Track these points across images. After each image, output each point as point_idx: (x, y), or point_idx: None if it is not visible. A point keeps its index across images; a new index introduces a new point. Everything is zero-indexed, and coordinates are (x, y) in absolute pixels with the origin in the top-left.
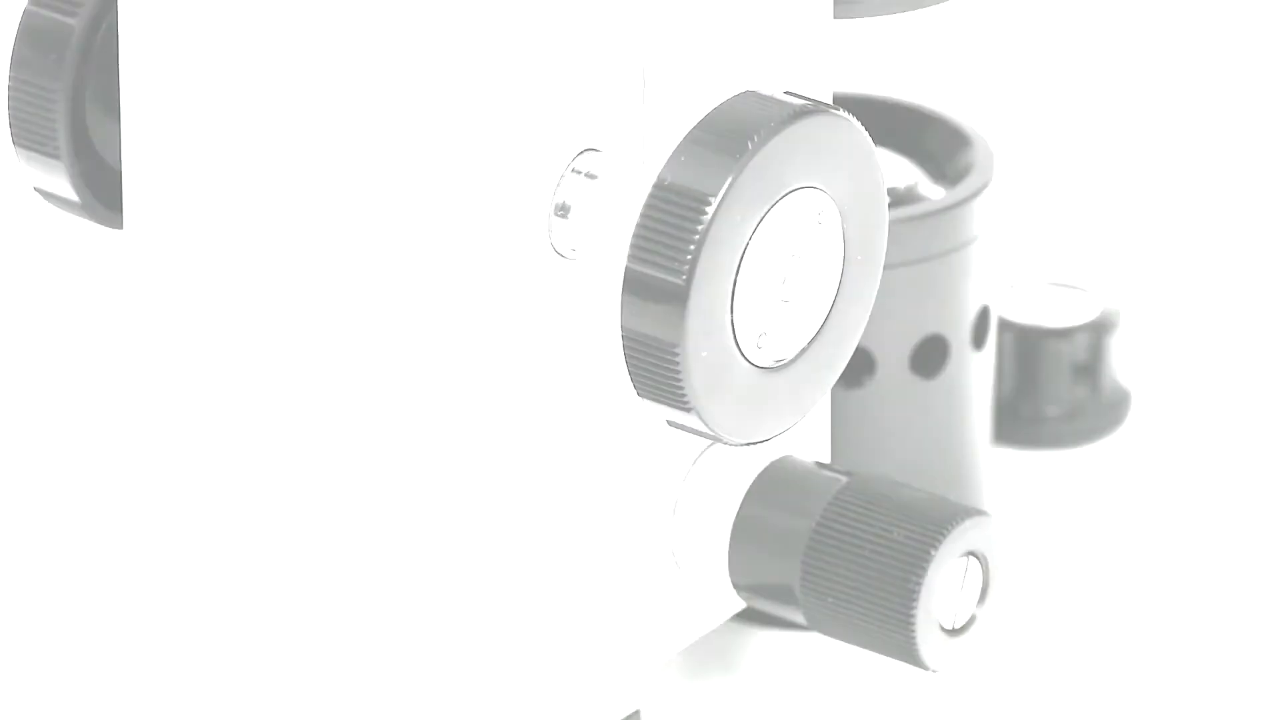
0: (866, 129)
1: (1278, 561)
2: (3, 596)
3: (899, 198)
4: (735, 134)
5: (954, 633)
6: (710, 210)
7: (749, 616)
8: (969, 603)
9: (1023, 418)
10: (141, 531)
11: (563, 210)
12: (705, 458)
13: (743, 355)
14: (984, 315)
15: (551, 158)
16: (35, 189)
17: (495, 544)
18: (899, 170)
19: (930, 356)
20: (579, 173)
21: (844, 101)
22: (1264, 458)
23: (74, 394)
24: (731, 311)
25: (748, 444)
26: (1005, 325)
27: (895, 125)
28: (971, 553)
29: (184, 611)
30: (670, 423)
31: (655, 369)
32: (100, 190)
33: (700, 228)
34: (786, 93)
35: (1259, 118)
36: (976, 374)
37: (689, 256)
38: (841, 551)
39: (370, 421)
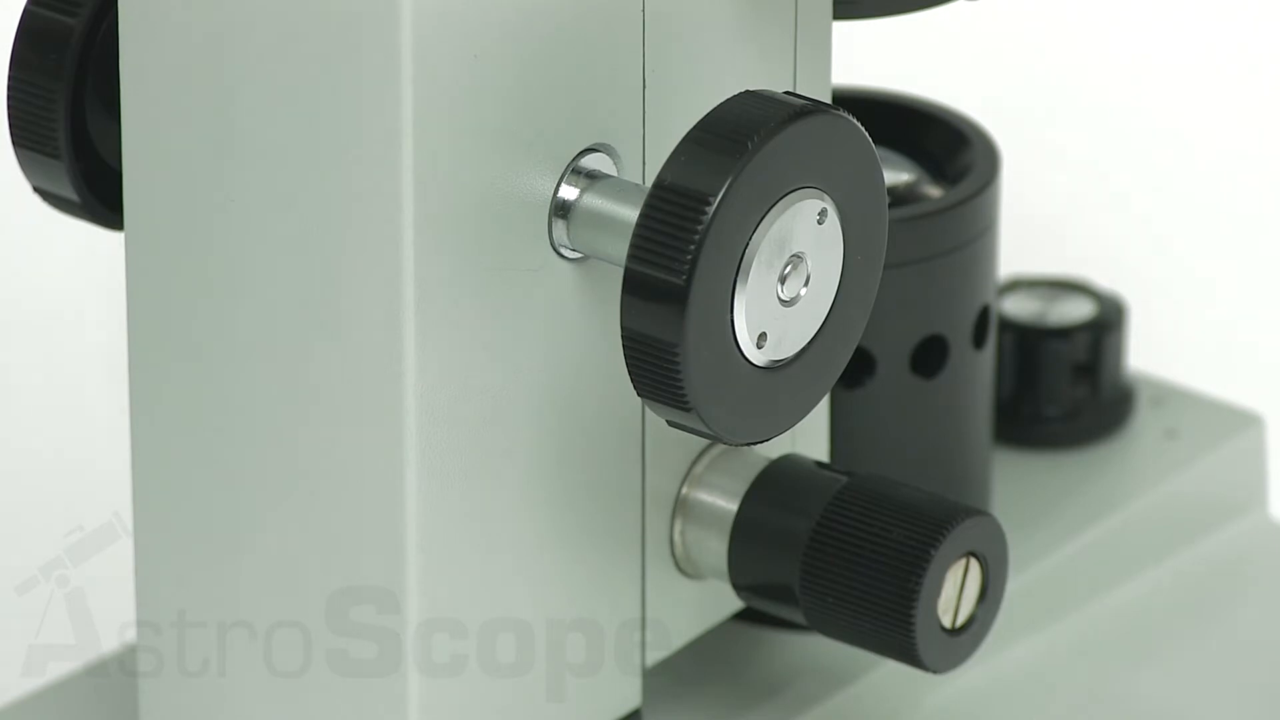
0: (866, 129)
1: (1277, 559)
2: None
3: (899, 198)
4: (735, 134)
5: (954, 633)
6: (710, 210)
7: (749, 616)
8: (969, 603)
9: (1023, 418)
10: (141, 531)
11: (562, 210)
12: (705, 458)
13: (742, 355)
14: (984, 315)
15: (551, 158)
16: (35, 189)
17: (495, 543)
18: (899, 170)
19: (930, 356)
20: (579, 173)
21: (844, 101)
22: (1265, 456)
23: (74, 394)
24: (731, 311)
25: (748, 444)
26: (1005, 325)
27: (895, 125)
28: (971, 553)
29: (184, 614)
30: (670, 423)
31: (655, 369)
32: (100, 190)
33: (700, 228)
34: (786, 93)
35: (1262, 115)
36: (976, 374)
37: (689, 256)
38: (841, 551)
39: (370, 420)
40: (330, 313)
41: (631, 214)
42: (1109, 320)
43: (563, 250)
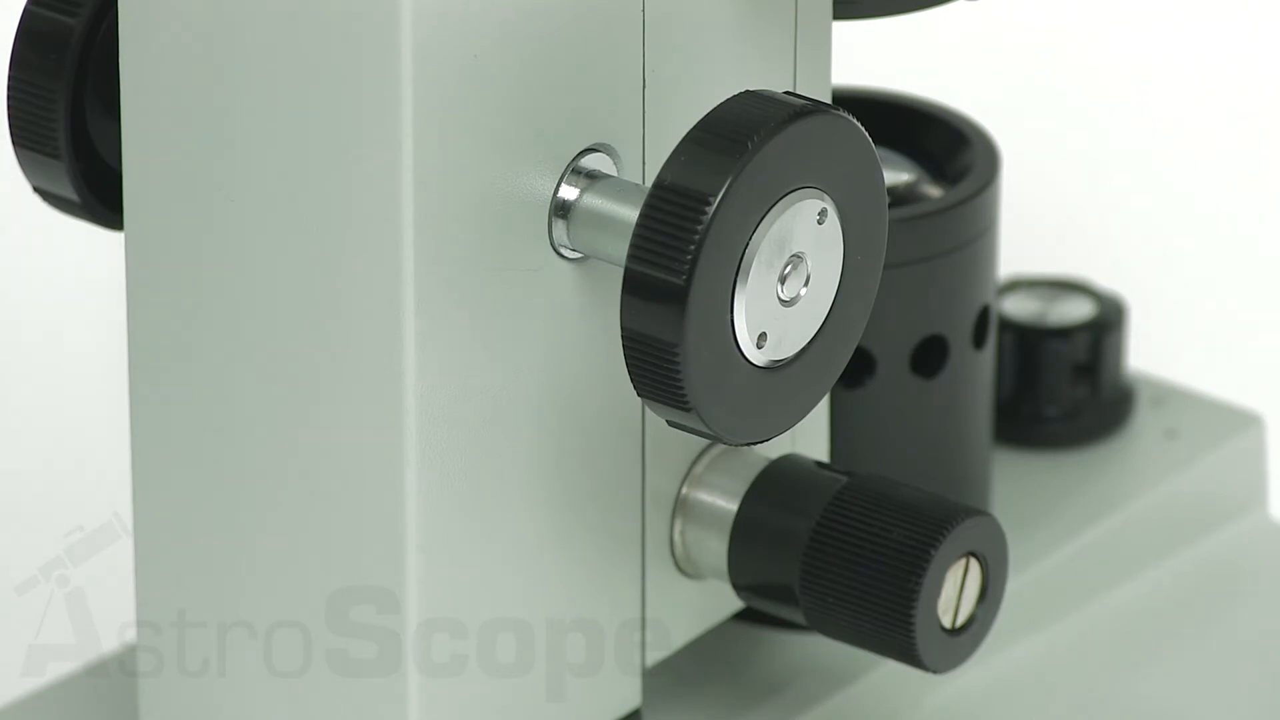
0: (866, 129)
1: (1277, 559)
2: None
3: (899, 198)
4: (735, 134)
5: (954, 633)
6: (710, 210)
7: (749, 616)
8: (969, 603)
9: (1023, 418)
10: (141, 531)
11: (562, 210)
12: (705, 458)
13: (742, 355)
14: (984, 315)
15: (551, 158)
16: (35, 189)
17: (495, 543)
18: (899, 170)
19: (930, 356)
20: (579, 173)
21: (844, 101)
22: (1265, 456)
23: (74, 394)
24: (731, 311)
25: (748, 444)
26: (1005, 325)
27: (895, 125)
28: (971, 553)
29: (184, 614)
30: (670, 423)
31: (655, 369)
32: (100, 190)
33: (700, 228)
34: (786, 93)
35: (1262, 115)
36: (976, 374)
37: (689, 256)
38: (841, 551)
39: (370, 420)
40: (330, 313)
41: (631, 214)
42: (1109, 320)
43: (563, 250)
